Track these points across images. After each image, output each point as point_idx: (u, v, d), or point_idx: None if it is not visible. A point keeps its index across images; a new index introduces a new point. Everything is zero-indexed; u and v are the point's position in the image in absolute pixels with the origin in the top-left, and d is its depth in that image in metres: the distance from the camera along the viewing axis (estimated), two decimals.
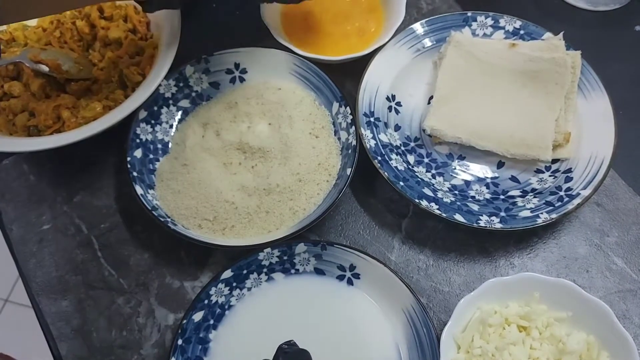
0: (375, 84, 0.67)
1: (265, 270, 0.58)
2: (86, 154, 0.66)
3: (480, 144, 0.64)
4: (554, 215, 0.58)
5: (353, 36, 0.72)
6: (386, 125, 0.66)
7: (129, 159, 0.61)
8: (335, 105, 0.65)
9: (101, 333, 0.57)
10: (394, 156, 0.63)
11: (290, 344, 0.46)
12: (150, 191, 0.61)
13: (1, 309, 1.49)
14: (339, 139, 0.64)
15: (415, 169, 0.64)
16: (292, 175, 0.62)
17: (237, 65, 0.68)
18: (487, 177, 0.64)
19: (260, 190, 0.61)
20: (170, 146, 0.65)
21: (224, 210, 0.60)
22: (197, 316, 0.55)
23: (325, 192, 0.61)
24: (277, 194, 0.61)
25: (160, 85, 0.63)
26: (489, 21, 0.71)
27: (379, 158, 0.61)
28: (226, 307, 0.57)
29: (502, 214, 0.59)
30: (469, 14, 0.71)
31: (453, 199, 0.61)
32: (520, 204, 0.61)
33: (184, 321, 0.53)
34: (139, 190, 0.59)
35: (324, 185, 0.62)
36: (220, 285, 0.56)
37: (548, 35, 0.69)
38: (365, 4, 0.73)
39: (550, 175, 0.63)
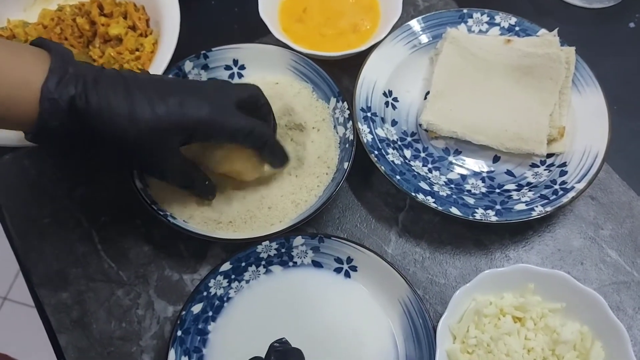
0: (372, 80, 0.67)
1: (263, 262, 0.58)
2: (86, 149, 0.66)
3: (475, 139, 0.64)
4: (548, 209, 0.59)
5: (350, 33, 0.72)
6: (383, 120, 0.67)
7: None
8: (333, 100, 0.66)
9: (101, 325, 0.58)
10: (390, 151, 0.64)
11: (282, 342, 0.47)
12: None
13: (0, 306, 1.50)
14: (337, 133, 0.65)
15: (411, 163, 0.64)
16: (292, 168, 0.63)
17: (235, 62, 0.69)
18: (483, 171, 0.65)
19: (261, 185, 0.62)
20: None
21: (218, 204, 0.61)
22: (196, 308, 0.55)
23: (325, 184, 0.62)
24: (277, 188, 0.62)
25: None
26: (485, 18, 0.72)
27: (376, 152, 0.62)
28: (225, 299, 0.57)
29: (498, 207, 0.60)
30: (465, 10, 0.72)
31: (449, 192, 0.62)
32: (515, 197, 0.61)
33: (183, 312, 0.54)
34: (138, 184, 0.59)
35: (323, 177, 0.62)
36: (219, 278, 0.56)
37: (543, 31, 0.70)
38: (363, 2, 0.74)
39: (545, 169, 0.64)
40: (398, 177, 0.61)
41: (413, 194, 0.59)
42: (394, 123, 0.67)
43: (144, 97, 0.48)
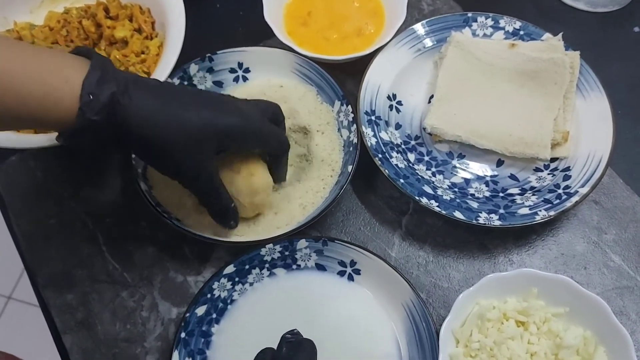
0: (376, 83, 0.68)
1: (267, 265, 0.58)
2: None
3: (479, 143, 0.64)
4: (552, 213, 0.59)
5: (354, 36, 0.73)
6: (387, 123, 0.67)
7: (133, 155, 0.62)
8: (337, 103, 0.66)
9: (105, 326, 0.58)
10: (394, 154, 0.64)
11: (294, 333, 0.47)
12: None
13: (4, 306, 1.51)
14: (341, 136, 0.65)
15: (415, 166, 0.65)
16: (295, 173, 0.63)
17: (240, 65, 0.69)
18: (487, 175, 0.65)
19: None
20: None
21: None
22: (200, 310, 0.55)
23: (330, 186, 0.62)
24: (283, 195, 0.62)
25: None
26: (489, 22, 0.72)
27: (380, 156, 0.62)
28: (228, 301, 0.57)
29: (501, 211, 0.60)
30: (470, 14, 0.72)
31: (453, 196, 0.62)
32: (519, 201, 0.61)
33: (187, 314, 0.54)
34: (143, 186, 0.60)
35: (328, 180, 0.63)
36: (223, 280, 0.57)
37: (547, 36, 0.70)
38: (368, 6, 0.74)
39: (548, 174, 0.64)
40: (402, 180, 0.61)
41: (417, 197, 0.59)
42: (398, 126, 0.68)
43: (187, 103, 0.49)
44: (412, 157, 0.66)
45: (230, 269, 0.57)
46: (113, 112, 0.45)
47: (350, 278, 0.59)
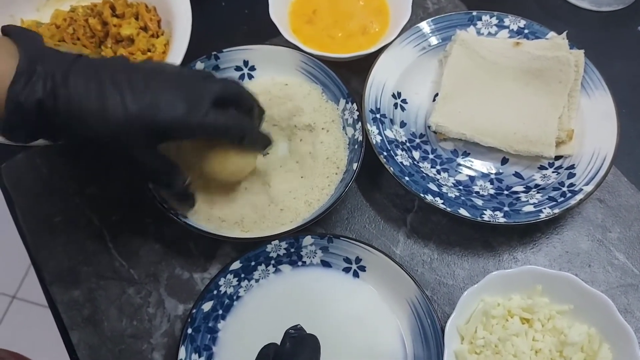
0: (381, 82, 0.68)
1: (272, 262, 0.59)
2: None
3: (484, 141, 0.65)
4: (556, 211, 0.59)
5: (359, 35, 0.73)
6: (392, 121, 0.67)
7: None
8: (342, 101, 0.66)
9: (112, 322, 0.58)
10: (399, 152, 0.64)
11: (297, 328, 0.47)
12: None
13: (9, 305, 1.51)
14: (346, 134, 0.65)
15: (420, 164, 0.65)
16: (299, 169, 0.63)
17: (245, 63, 0.70)
18: (491, 173, 0.65)
19: (271, 188, 0.62)
20: None
21: (228, 206, 0.61)
22: (207, 306, 0.56)
23: (335, 183, 0.62)
24: (288, 191, 0.62)
25: None
26: (494, 20, 0.72)
27: (385, 153, 0.62)
28: (234, 297, 0.58)
29: (506, 208, 0.60)
30: (474, 13, 0.72)
31: (457, 194, 0.62)
32: (523, 199, 0.62)
33: (194, 310, 0.55)
34: (150, 183, 0.60)
35: (333, 177, 0.63)
36: (229, 276, 0.57)
37: (552, 34, 0.70)
38: (373, 5, 0.75)
39: (553, 172, 0.64)
40: (407, 178, 0.61)
41: (422, 195, 0.60)
42: (402, 124, 0.68)
43: (117, 94, 0.46)
44: (417, 154, 0.66)
45: (236, 265, 0.57)
46: (41, 115, 0.45)
47: (356, 275, 0.59)
